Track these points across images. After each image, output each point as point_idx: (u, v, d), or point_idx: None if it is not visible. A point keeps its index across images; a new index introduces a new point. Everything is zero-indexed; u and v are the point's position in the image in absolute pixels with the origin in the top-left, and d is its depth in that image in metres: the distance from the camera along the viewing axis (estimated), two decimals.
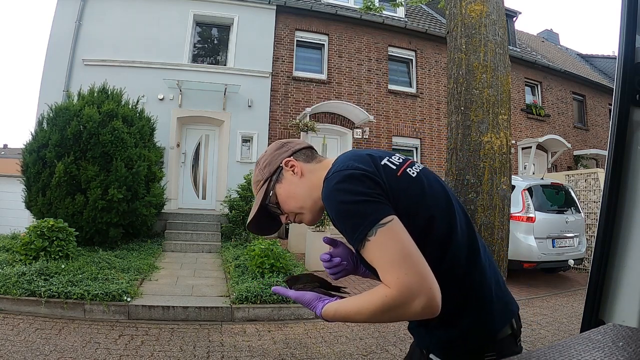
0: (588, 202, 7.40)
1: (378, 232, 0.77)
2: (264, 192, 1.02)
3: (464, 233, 0.89)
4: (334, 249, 1.07)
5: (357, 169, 0.84)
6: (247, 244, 6.42)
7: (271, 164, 1.04)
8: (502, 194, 2.73)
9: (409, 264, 0.74)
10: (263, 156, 1.06)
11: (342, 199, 0.82)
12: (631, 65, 0.92)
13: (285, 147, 1.06)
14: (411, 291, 0.72)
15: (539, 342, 3.59)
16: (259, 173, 1.04)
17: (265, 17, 9.68)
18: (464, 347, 0.86)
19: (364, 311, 0.79)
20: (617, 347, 0.59)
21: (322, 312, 0.87)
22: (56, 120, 6.03)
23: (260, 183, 1.04)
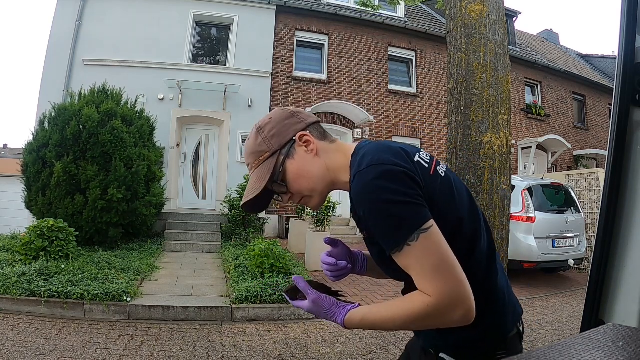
0: (588, 202, 7.40)
1: (420, 238, 0.73)
2: (272, 167, 0.89)
3: (485, 236, 0.89)
4: (333, 248, 1.03)
5: (397, 165, 0.78)
6: (247, 244, 6.43)
7: (281, 134, 0.90)
8: (502, 194, 2.73)
9: (450, 273, 0.73)
10: (267, 123, 0.92)
11: (381, 197, 0.75)
12: (631, 65, 0.92)
13: (296, 117, 0.93)
14: (452, 301, 0.72)
15: (539, 342, 3.59)
16: (262, 142, 0.90)
17: (265, 17, 9.67)
18: (479, 347, 0.86)
19: (397, 319, 0.77)
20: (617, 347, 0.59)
21: (345, 320, 0.82)
22: (57, 120, 6.03)
23: (263, 155, 0.90)
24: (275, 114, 0.94)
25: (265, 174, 0.89)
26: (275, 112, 0.95)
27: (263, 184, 0.88)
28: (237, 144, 9.01)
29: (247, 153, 0.94)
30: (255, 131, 0.93)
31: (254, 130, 0.93)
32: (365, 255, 1.06)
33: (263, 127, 0.92)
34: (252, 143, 0.92)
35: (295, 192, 0.91)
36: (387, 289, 5.08)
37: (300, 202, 0.94)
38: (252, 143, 0.92)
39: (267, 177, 0.88)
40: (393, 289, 5.03)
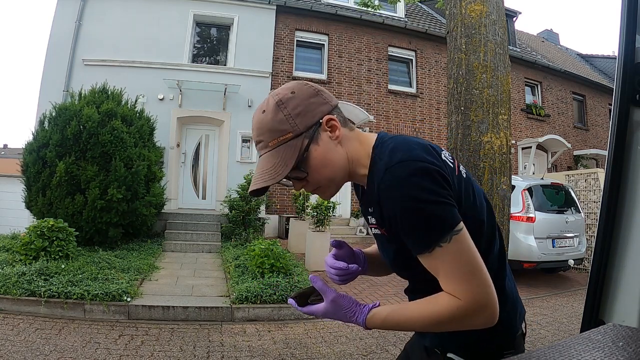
0: (588, 202, 7.40)
1: (452, 240, 0.72)
2: (296, 152, 0.79)
3: (498, 237, 0.89)
4: (338, 251, 0.98)
5: (431, 163, 0.74)
6: (247, 244, 6.43)
7: (307, 114, 0.80)
8: (502, 194, 2.73)
9: (479, 276, 0.73)
10: (290, 98, 0.81)
11: (416, 195, 0.71)
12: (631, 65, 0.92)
13: (321, 96, 0.83)
14: (481, 304, 0.72)
15: (539, 342, 3.59)
16: (284, 120, 0.79)
17: (265, 17, 9.67)
18: (489, 346, 0.86)
19: (423, 320, 0.76)
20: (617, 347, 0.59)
21: (368, 319, 0.80)
22: (57, 120, 6.03)
23: (285, 135, 0.80)
24: (298, 88, 0.82)
25: (287, 159, 0.79)
26: (298, 86, 0.83)
27: (285, 171, 0.79)
28: (237, 144, 9.01)
29: (260, 129, 0.82)
30: (275, 105, 0.80)
31: (272, 104, 0.81)
32: (365, 253, 1.05)
33: (285, 101, 0.80)
34: (270, 119, 0.80)
35: (313, 181, 0.83)
36: (387, 289, 5.08)
37: (314, 191, 0.87)
38: (269, 118, 0.80)
39: (291, 163, 0.79)
40: (393, 289, 5.03)
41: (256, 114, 0.84)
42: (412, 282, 0.93)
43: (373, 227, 0.88)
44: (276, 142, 0.80)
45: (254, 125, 0.84)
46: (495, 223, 0.89)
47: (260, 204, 7.68)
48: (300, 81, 0.86)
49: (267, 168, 0.80)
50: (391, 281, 5.34)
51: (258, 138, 0.83)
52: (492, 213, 0.89)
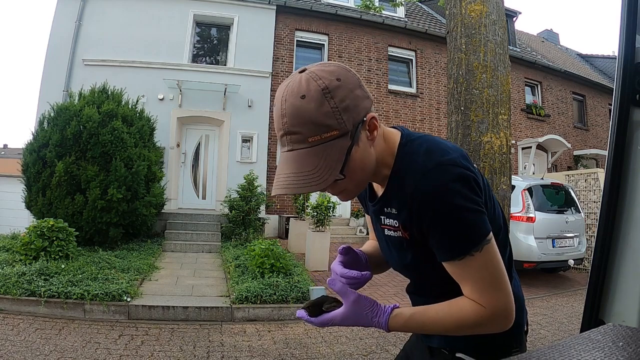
0: (588, 202, 7.40)
1: (484, 249, 0.71)
2: (343, 155, 0.70)
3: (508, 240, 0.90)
4: (344, 257, 0.92)
5: (468, 169, 0.72)
6: (247, 244, 6.42)
7: (354, 110, 0.70)
8: (502, 194, 2.73)
9: (503, 286, 0.73)
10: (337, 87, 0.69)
11: (456, 203, 0.69)
12: (631, 65, 0.92)
13: (363, 87, 0.73)
14: (503, 312, 0.73)
15: (539, 342, 3.59)
16: (331, 114, 0.68)
17: (265, 17, 9.67)
18: (498, 344, 0.86)
19: (446, 324, 0.76)
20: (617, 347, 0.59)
21: (390, 320, 0.77)
22: (57, 120, 6.03)
23: (331, 132, 0.68)
24: (343, 74, 0.71)
25: (333, 162, 0.69)
26: (341, 72, 0.71)
27: (332, 177, 0.69)
28: (237, 144, 9.01)
29: (299, 117, 0.68)
30: (320, 92, 0.67)
31: (315, 90, 0.68)
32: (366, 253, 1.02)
33: (332, 90, 0.68)
34: (313, 109, 0.67)
35: (345, 184, 0.75)
36: (387, 289, 5.08)
37: (338, 194, 0.79)
38: (312, 108, 0.67)
39: (338, 168, 0.70)
40: (393, 289, 5.03)
41: (290, 97, 0.69)
42: (418, 284, 0.93)
43: (387, 229, 0.84)
44: (318, 139, 0.68)
45: (288, 111, 0.69)
46: (507, 225, 0.90)
47: (260, 204, 7.68)
48: (338, 64, 0.73)
49: (307, 170, 0.69)
50: (391, 281, 5.34)
51: (292, 129, 0.69)
52: (505, 217, 0.89)
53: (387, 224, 0.84)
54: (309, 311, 0.81)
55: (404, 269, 0.90)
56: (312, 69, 0.71)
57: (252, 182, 7.54)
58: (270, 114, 9.33)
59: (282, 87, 0.73)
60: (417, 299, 0.95)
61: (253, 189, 7.51)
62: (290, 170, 0.70)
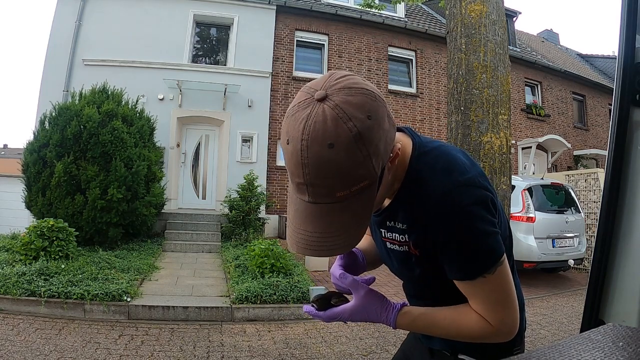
0: (588, 202, 7.40)
1: (497, 271, 0.71)
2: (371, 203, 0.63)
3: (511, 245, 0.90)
4: (343, 260, 0.90)
5: (488, 190, 0.71)
6: (247, 244, 6.42)
7: (384, 150, 0.61)
8: (502, 194, 2.73)
9: (512, 306, 0.75)
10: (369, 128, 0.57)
11: (475, 226, 0.68)
12: (631, 65, 0.92)
13: (390, 115, 0.63)
14: (508, 329, 0.75)
15: (539, 342, 3.59)
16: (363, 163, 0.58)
17: (265, 17, 9.67)
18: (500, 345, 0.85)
19: (451, 331, 0.77)
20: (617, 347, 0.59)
21: (399, 317, 0.77)
22: (57, 119, 6.04)
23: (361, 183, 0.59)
24: (374, 110, 0.58)
25: (362, 214, 0.62)
26: (372, 104, 0.58)
27: (361, 232, 0.64)
28: (237, 144, 9.01)
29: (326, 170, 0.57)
30: (352, 140, 0.56)
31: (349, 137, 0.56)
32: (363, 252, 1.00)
33: (364, 134, 0.56)
34: (345, 159, 0.56)
35: None
36: (387, 289, 5.08)
37: None
38: (343, 159, 0.56)
39: (367, 220, 0.64)
40: (393, 289, 5.03)
41: (314, 144, 0.55)
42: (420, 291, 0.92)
43: (392, 243, 0.82)
44: (348, 194, 0.59)
45: (312, 161, 0.56)
46: (511, 233, 0.90)
47: (260, 204, 7.68)
48: (366, 89, 0.60)
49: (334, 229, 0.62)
50: (391, 281, 5.34)
51: (317, 181, 0.58)
52: (508, 224, 0.89)
53: (389, 238, 0.82)
54: (317, 305, 0.79)
55: (407, 280, 0.90)
56: (336, 99, 0.57)
57: (252, 182, 7.54)
58: (270, 114, 9.33)
59: (298, 122, 0.57)
60: (417, 303, 0.93)
61: (253, 189, 7.51)
62: (314, 229, 0.62)
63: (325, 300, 0.80)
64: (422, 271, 0.81)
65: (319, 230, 0.62)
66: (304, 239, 0.63)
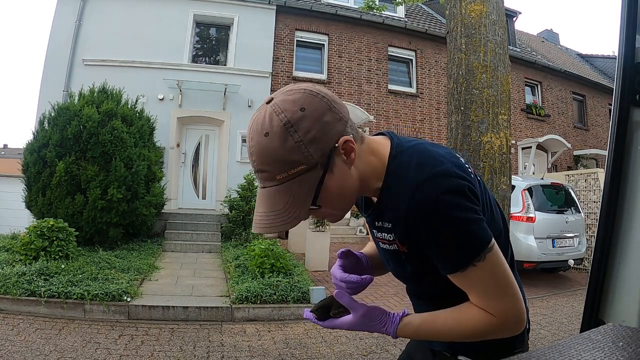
0: (588, 202, 7.40)
1: (486, 258, 0.69)
2: (313, 188, 0.68)
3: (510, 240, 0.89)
4: (344, 260, 0.91)
5: (463, 178, 0.70)
6: (247, 244, 6.42)
7: (322, 139, 0.66)
8: (502, 194, 2.73)
9: (511, 292, 0.73)
10: (301, 118, 0.65)
11: (451, 215, 0.67)
12: (631, 65, 0.92)
13: (333, 110, 0.69)
14: (514, 318, 0.73)
15: (539, 342, 3.59)
16: (296, 148, 0.65)
17: (265, 17, 9.67)
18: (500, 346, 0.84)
19: (456, 333, 0.75)
20: (617, 347, 0.59)
21: (399, 330, 0.77)
22: (57, 119, 6.04)
23: (298, 167, 0.66)
24: (308, 102, 0.67)
25: (302, 197, 0.68)
26: (307, 99, 0.67)
27: (303, 212, 0.69)
28: (237, 144, 9.01)
29: (264, 157, 0.67)
30: (282, 128, 0.65)
31: (278, 126, 0.65)
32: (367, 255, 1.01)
33: (295, 123, 0.65)
34: (278, 146, 0.65)
35: (325, 212, 0.74)
36: (387, 289, 5.08)
37: (323, 218, 0.79)
38: (276, 146, 0.65)
39: (308, 202, 0.68)
40: (393, 289, 5.03)
41: (255, 135, 0.67)
42: (419, 291, 0.92)
43: (383, 242, 0.83)
44: (286, 176, 0.67)
45: (254, 150, 0.68)
46: (507, 226, 0.88)
47: None
48: (306, 88, 0.69)
49: (277, 209, 0.68)
50: (391, 281, 5.34)
51: (261, 167, 0.68)
52: (504, 216, 0.88)
53: (380, 237, 0.83)
54: (317, 314, 0.81)
55: (403, 279, 0.90)
56: (277, 99, 0.69)
57: (252, 182, 7.54)
58: None
59: (250, 121, 0.71)
60: (419, 302, 0.94)
61: (253, 188, 7.51)
62: (262, 209, 0.70)
63: (325, 309, 0.80)
64: (414, 268, 0.81)
65: (266, 210, 0.69)
66: (256, 220, 0.71)
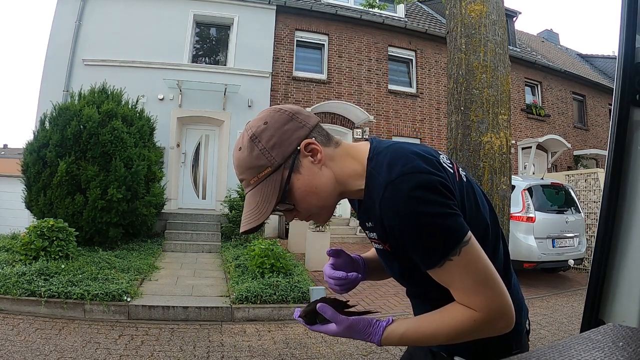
0: (588, 202, 7.40)
1: (462, 252, 0.69)
2: (277, 186, 0.76)
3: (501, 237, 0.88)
4: (336, 259, 0.94)
5: (433, 173, 0.71)
6: (247, 244, 6.42)
7: (282, 144, 0.76)
8: (502, 194, 2.73)
9: (492, 285, 0.72)
10: (263, 130, 0.77)
11: (421, 210, 0.68)
12: (631, 65, 0.92)
13: (296, 120, 0.79)
14: (498, 313, 0.72)
15: (539, 342, 3.59)
16: (260, 155, 0.76)
17: (265, 17, 9.67)
18: (497, 346, 0.84)
19: (441, 335, 0.75)
20: (617, 347, 0.59)
21: (383, 339, 0.77)
22: (57, 119, 6.04)
23: (264, 170, 0.76)
24: (270, 117, 0.78)
25: (269, 195, 0.77)
26: (270, 114, 0.79)
27: (269, 208, 0.76)
28: None
29: (240, 167, 0.78)
30: (249, 140, 0.77)
31: (246, 140, 0.77)
32: (365, 259, 1.02)
33: (258, 135, 0.76)
34: (247, 156, 0.77)
35: (303, 211, 0.81)
36: (387, 289, 5.08)
37: (307, 219, 0.85)
38: (245, 156, 0.77)
39: (274, 200, 0.76)
40: (393, 289, 5.03)
41: (234, 152, 0.81)
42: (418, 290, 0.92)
43: (374, 242, 0.86)
44: (257, 180, 0.77)
45: (235, 164, 0.80)
46: (498, 224, 0.88)
47: None
48: (274, 107, 0.81)
49: (251, 208, 0.78)
50: (391, 281, 5.29)
51: (240, 177, 0.80)
52: (494, 214, 0.87)
53: (373, 238, 0.85)
54: (305, 319, 0.84)
55: (399, 279, 0.91)
56: (250, 122, 0.81)
57: None
58: None
59: None
60: (418, 302, 0.95)
61: None
62: (245, 210, 0.81)
63: (314, 314, 0.83)
64: (400, 266, 0.83)
65: (246, 210, 0.80)
66: (242, 221, 0.81)
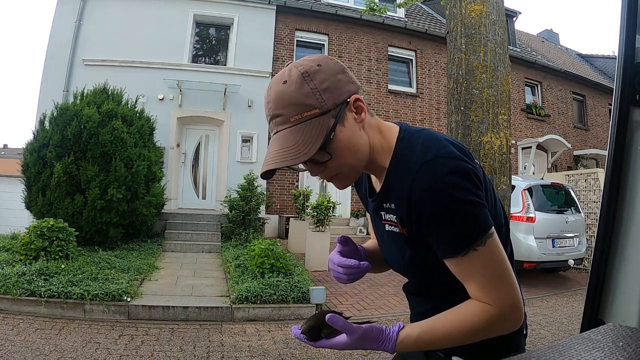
0: (588, 202, 7.40)
1: (487, 243, 0.69)
2: (324, 130, 0.71)
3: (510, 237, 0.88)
4: (343, 247, 0.91)
5: (467, 162, 0.71)
6: (247, 244, 6.42)
7: (335, 91, 0.73)
8: (502, 194, 2.73)
9: (509, 281, 0.71)
10: (317, 71, 0.72)
11: (456, 195, 0.67)
12: (631, 65, 0.92)
13: (347, 73, 0.76)
14: (512, 308, 0.71)
15: (539, 342, 3.59)
16: (311, 94, 0.71)
17: (265, 17, 9.67)
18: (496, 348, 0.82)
19: (456, 335, 0.72)
20: (617, 347, 0.59)
21: (397, 347, 0.74)
22: (58, 120, 6.04)
23: (311, 110, 0.71)
24: (324, 62, 0.75)
25: (314, 137, 0.71)
26: (323, 59, 0.75)
27: (312, 150, 0.70)
28: (237, 144, 9.02)
29: (281, 101, 0.72)
30: (300, 76, 0.72)
31: (296, 75, 0.72)
32: (367, 250, 0.99)
33: (312, 74, 0.72)
34: (294, 90, 0.71)
35: (335, 166, 0.75)
36: (387, 289, 5.08)
37: (331, 178, 0.79)
38: (293, 90, 0.71)
39: (319, 142, 0.71)
40: (393, 289, 5.03)
41: (274, 84, 0.74)
42: (418, 284, 0.91)
43: (388, 224, 0.83)
44: (299, 118, 0.71)
45: (272, 97, 0.73)
46: (509, 224, 0.88)
47: (260, 204, 7.68)
48: (324, 55, 0.79)
49: (288, 146, 0.71)
50: (391, 281, 5.34)
51: (276, 111, 0.73)
52: (506, 216, 0.87)
53: (387, 220, 0.82)
54: (307, 336, 0.77)
55: (402, 268, 0.88)
56: (299, 60, 0.76)
57: (252, 182, 7.55)
58: None
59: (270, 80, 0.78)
60: (416, 300, 0.93)
61: (253, 189, 7.51)
62: (273, 149, 0.73)
63: (317, 329, 0.77)
64: (413, 253, 0.80)
65: (276, 149, 0.72)
66: (265, 160, 0.74)
